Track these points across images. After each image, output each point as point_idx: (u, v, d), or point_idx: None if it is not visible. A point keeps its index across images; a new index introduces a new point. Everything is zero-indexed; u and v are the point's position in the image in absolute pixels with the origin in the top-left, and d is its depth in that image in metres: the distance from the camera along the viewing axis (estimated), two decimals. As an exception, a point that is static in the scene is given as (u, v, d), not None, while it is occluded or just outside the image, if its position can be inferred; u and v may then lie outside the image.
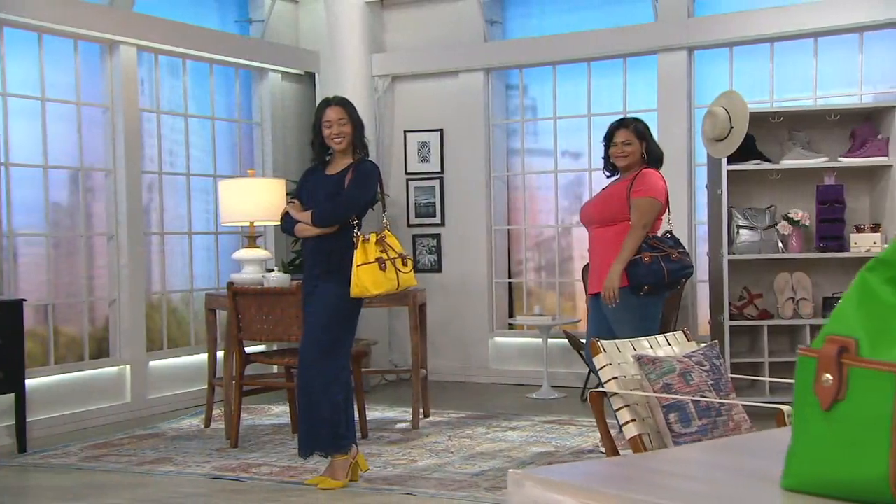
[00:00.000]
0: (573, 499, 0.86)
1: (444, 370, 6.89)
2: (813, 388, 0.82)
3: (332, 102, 3.86)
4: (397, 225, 7.07)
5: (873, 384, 0.78)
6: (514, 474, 0.90)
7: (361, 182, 3.74)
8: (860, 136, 5.31)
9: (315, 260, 3.83)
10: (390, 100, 7.04)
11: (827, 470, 0.81)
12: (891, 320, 0.81)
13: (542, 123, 6.87)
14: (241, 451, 4.51)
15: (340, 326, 3.76)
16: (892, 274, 0.82)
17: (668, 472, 0.91)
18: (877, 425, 0.78)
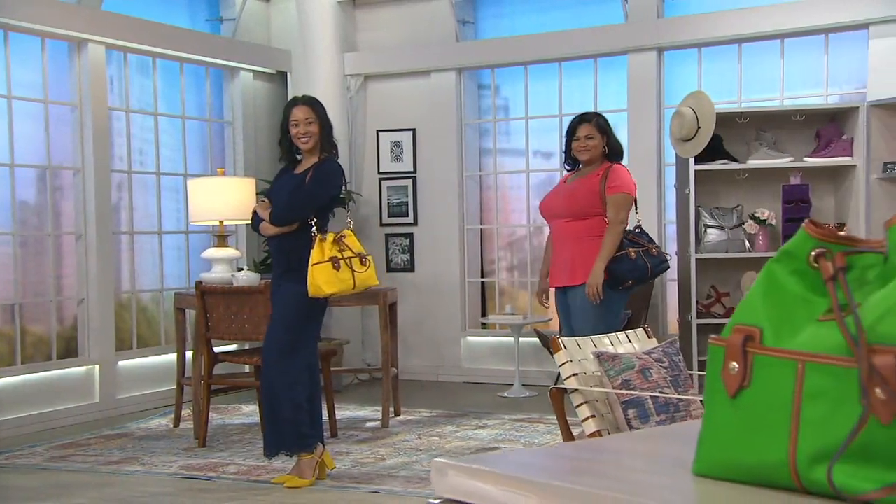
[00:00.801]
0: (494, 486, 0.88)
1: (417, 369, 6.90)
2: (721, 376, 0.85)
3: (300, 101, 3.86)
4: (370, 224, 7.08)
5: (776, 371, 0.81)
6: (437, 463, 0.91)
7: (319, 180, 3.73)
8: (825, 136, 5.38)
9: (277, 259, 3.86)
10: (362, 99, 7.04)
11: (733, 455, 0.83)
12: (794, 310, 0.83)
13: (514, 123, 6.90)
14: (208, 451, 4.50)
15: (301, 326, 3.76)
16: (798, 265, 0.85)
17: (588, 460, 0.94)
18: (779, 411, 0.80)
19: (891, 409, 0.74)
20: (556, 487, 0.82)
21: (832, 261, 0.81)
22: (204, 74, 6.54)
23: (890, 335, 0.75)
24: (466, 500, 0.89)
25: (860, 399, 0.75)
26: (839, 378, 0.77)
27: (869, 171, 5.16)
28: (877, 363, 0.75)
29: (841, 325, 0.77)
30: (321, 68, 6.72)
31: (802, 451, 0.78)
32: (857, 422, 0.74)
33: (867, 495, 0.73)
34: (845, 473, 0.76)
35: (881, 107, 5.18)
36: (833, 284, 0.80)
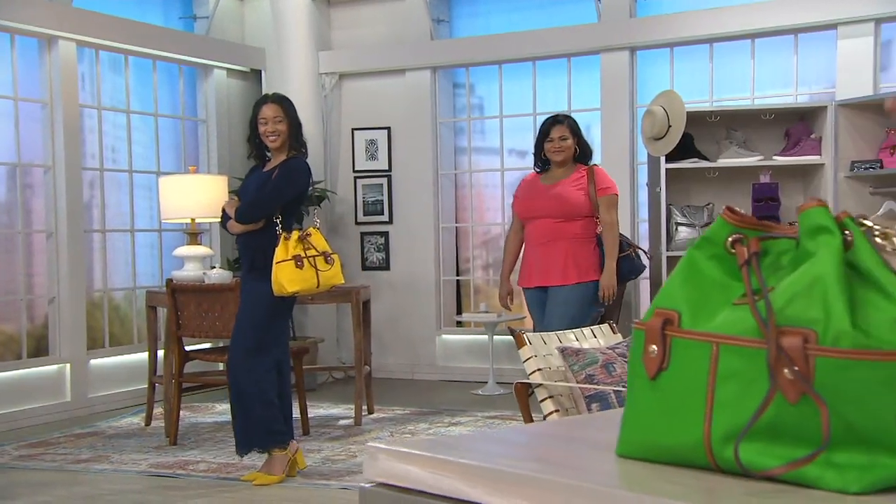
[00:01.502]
0: (420, 468, 0.89)
1: (392, 368, 6.92)
2: (641, 359, 0.87)
3: (269, 99, 3.86)
4: (345, 223, 7.09)
5: (692, 353, 0.83)
6: (369, 447, 0.93)
7: (284, 178, 3.73)
8: (794, 135, 5.44)
9: (244, 257, 3.87)
10: (337, 97, 7.04)
11: (653, 436, 0.85)
12: (712, 294, 0.85)
13: (489, 122, 6.93)
14: (179, 449, 4.49)
15: (267, 324, 3.76)
16: (716, 251, 0.87)
17: (514, 442, 0.95)
18: (695, 392, 0.82)
19: (798, 388, 0.76)
20: (479, 468, 0.84)
21: (747, 246, 0.84)
22: (177, 72, 6.51)
23: (798, 317, 0.78)
24: (397, 484, 0.91)
25: (769, 379, 0.77)
26: (751, 359, 0.79)
27: (837, 170, 5.22)
28: (784, 344, 0.77)
29: (752, 308, 0.80)
30: (295, 66, 6.72)
31: (716, 431, 0.80)
32: (769, 402, 0.76)
33: (771, 471, 0.76)
34: (755, 451, 0.78)
35: (849, 106, 5.24)
36: (747, 269, 0.82)
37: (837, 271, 0.78)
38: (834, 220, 0.81)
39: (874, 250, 0.80)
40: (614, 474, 0.84)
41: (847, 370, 0.75)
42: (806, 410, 0.76)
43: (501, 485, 0.82)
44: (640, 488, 0.79)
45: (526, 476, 0.81)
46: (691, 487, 0.78)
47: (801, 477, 0.76)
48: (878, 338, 0.76)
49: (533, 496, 0.80)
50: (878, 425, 0.75)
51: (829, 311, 0.77)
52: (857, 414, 0.75)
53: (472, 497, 0.84)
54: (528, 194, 4.43)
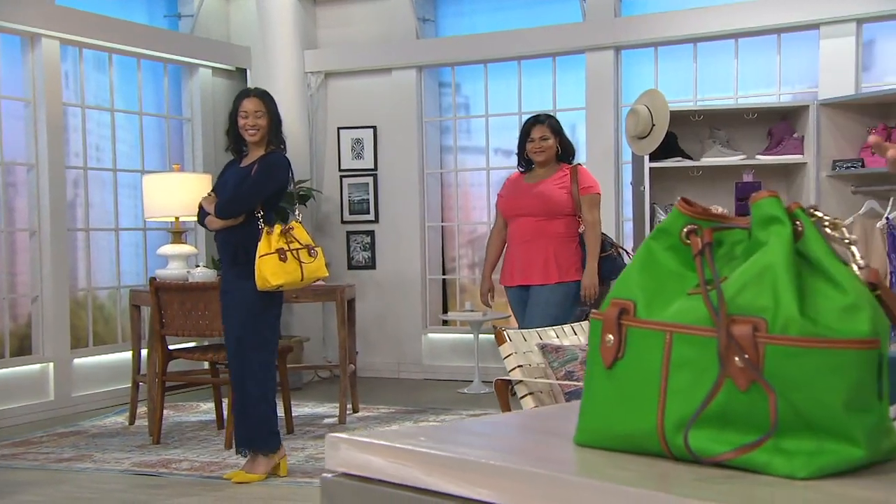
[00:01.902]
0: (381, 458, 0.90)
1: (378, 367, 6.92)
2: (599, 349, 0.88)
3: (251, 94, 3.85)
4: (331, 222, 7.09)
5: (647, 342, 0.84)
6: (330, 437, 0.94)
7: (264, 172, 3.72)
8: (777, 134, 5.47)
9: (224, 253, 3.84)
10: (323, 96, 7.04)
11: (609, 424, 0.86)
12: (667, 284, 0.86)
13: (475, 121, 6.94)
14: (162, 448, 4.48)
15: (260, 319, 3.75)
16: (672, 242, 0.88)
17: (475, 432, 0.96)
18: (649, 381, 0.83)
19: (747, 376, 0.77)
20: (437, 457, 0.85)
21: (701, 237, 0.85)
22: (162, 71, 6.50)
23: (748, 306, 0.79)
24: (359, 474, 0.91)
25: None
26: (703, 348, 0.80)
27: (819, 169, 5.26)
28: (735, 333, 0.78)
29: (705, 298, 0.81)
30: (281, 65, 6.71)
31: (669, 419, 0.81)
32: (718, 390, 0.78)
33: (720, 456, 0.77)
34: (706, 438, 0.79)
35: (831, 106, 5.28)
36: (700, 259, 0.83)
37: (787, 260, 0.79)
38: (785, 210, 0.82)
39: (824, 240, 0.81)
40: (570, 461, 0.85)
41: (795, 358, 0.76)
42: (756, 398, 0.77)
43: (459, 472, 0.83)
44: (593, 474, 0.80)
45: (483, 464, 0.82)
46: (643, 473, 0.79)
47: (750, 463, 0.77)
48: (825, 325, 0.77)
49: (490, 483, 0.81)
50: (825, 412, 0.76)
51: (778, 300, 0.78)
52: (805, 401, 0.76)
53: (431, 485, 0.85)
54: (511, 192, 4.45)
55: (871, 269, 0.82)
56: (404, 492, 0.87)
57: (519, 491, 0.79)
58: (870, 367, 0.77)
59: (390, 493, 0.88)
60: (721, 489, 0.73)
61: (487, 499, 0.80)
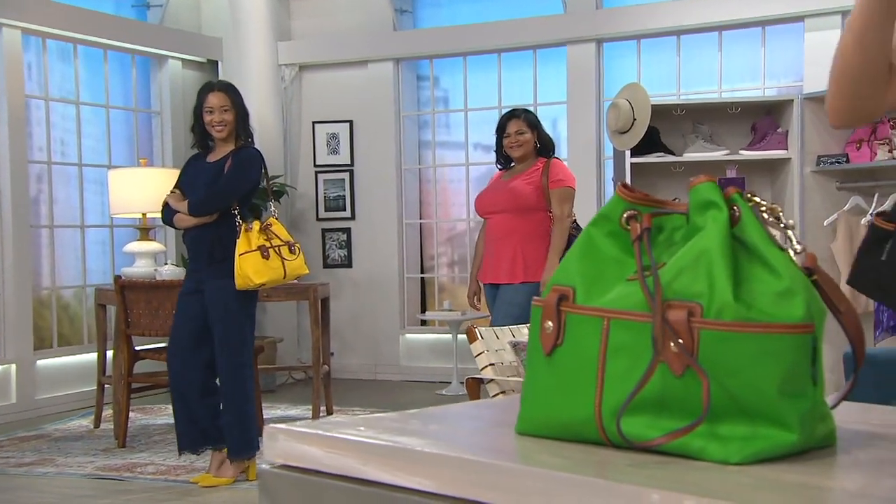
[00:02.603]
0: (319, 448, 0.91)
1: (354, 368, 6.92)
2: (539, 336, 0.89)
3: (215, 87, 3.84)
4: (306, 218, 7.09)
5: (585, 329, 0.85)
6: (269, 429, 0.95)
7: (240, 169, 3.73)
8: (761, 129, 5.52)
9: (198, 252, 3.82)
10: (297, 89, 7.04)
11: (549, 412, 0.87)
12: (607, 270, 0.88)
13: (454, 115, 6.96)
14: (128, 451, 4.47)
15: (243, 317, 3.76)
16: (612, 227, 0.90)
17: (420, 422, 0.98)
18: (587, 367, 0.85)
19: (682, 361, 0.79)
20: (373, 446, 0.86)
21: (640, 222, 0.87)
22: (129, 62, 6.48)
23: (684, 291, 0.81)
24: (297, 465, 0.92)
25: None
26: (639, 333, 0.82)
27: (803, 165, 5.31)
28: (670, 318, 0.80)
29: (642, 283, 0.82)
30: (254, 57, 6.70)
31: (606, 405, 0.83)
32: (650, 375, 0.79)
33: (652, 441, 0.78)
34: (643, 424, 0.81)
35: (815, 100, 5.32)
36: (638, 244, 0.85)
37: (723, 245, 0.81)
38: (722, 195, 0.84)
39: (761, 225, 0.83)
40: (507, 450, 0.87)
41: (729, 342, 0.78)
42: (691, 383, 0.79)
43: (394, 461, 0.84)
44: (529, 461, 0.81)
45: (419, 452, 0.83)
46: (579, 460, 0.80)
47: (685, 448, 0.79)
48: (760, 310, 0.79)
49: (425, 472, 0.82)
50: (759, 397, 0.78)
51: (713, 285, 0.80)
52: (739, 386, 0.78)
53: (367, 475, 0.86)
54: (486, 190, 4.49)
55: (809, 254, 0.84)
56: (341, 482, 0.88)
57: (454, 479, 0.80)
58: (804, 351, 0.79)
59: (327, 483, 0.89)
60: (653, 474, 0.75)
61: (422, 487, 0.82)
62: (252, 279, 3.63)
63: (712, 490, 0.70)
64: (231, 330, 3.72)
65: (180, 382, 3.73)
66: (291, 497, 0.93)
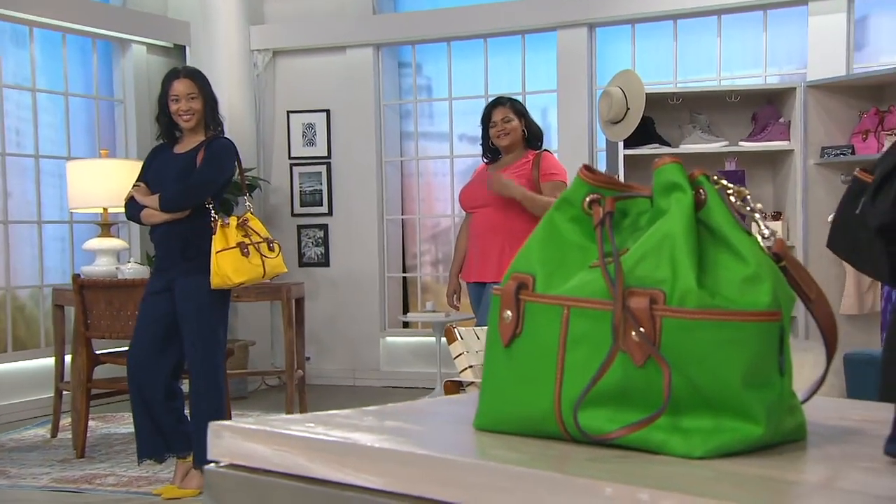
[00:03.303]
0: (265, 446, 0.92)
1: (332, 373, 6.93)
2: (498, 326, 0.90)
3: (181, 74, 3.84)
4: (280, 214, 7.08)
5: (544, 318, 0.87)
6: (214, 426, 0.96)
7: (214, 161, 3.73)
8: (762, 119, 5.55)
9: (168, 249, 3.80)
10: (271, 77, 7.04)
11: (508, 406, 0.89)
12: (569, 257, 0.89)
13: (437, 104, 6.97)
14: (87, 462, 4.47)
15: (217, 317, 3.77)
16: (575, 212, 0.91)
17: (374, 419, 0.99)
18: (546, 358, 0.86)
19: (644, 351, 0.80)
20: (320, 442, 0.87)
21: (603, 206, 0.88)
22: (90, 47, 6.46)
23: (646, 278, 0.82)
24: (243, 464, 0.93)
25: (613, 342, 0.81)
26: (600, 322, 0.83)
27: (806, 157, 5.34)
28: (631, 305, 0.81)
29: (603, 269, 0.84)
30: (224, 42, 6.70)
31: (566, 398, 0.84)
32: (609, 365, 0.81)
33: (611, 434, 0.80)
34: (604, 418, 0.82)
35: (819, 87, 5.36)
36: (601, 229, 0.86)
37: (686, 229, 0.83)
38: (687, 177, 0.86)
39: (727, 209, 0.85)
40: (461, 445, 0.88)
41: (692, 331, 0.79)
42: (653, 373, 0.80)
43: (342, 458, 0.85)
44: (484, 456, 0.82)
45: (367, 448, 0.84)
46: (535, 455, 0.82)
47: (646, 442, 0.80)
48: (724, 297, 0.80)
49: (373, 468, 0.83)
50: (723, 388, 0.79)
51: (676, 271, 0.81)
52: (702, 376, 0.80)
53: (315, 473, 0.87)
54: (472, 183, 4.50)
55: (778, 239, 0.86)
56: (289, 481, 0.89)
57: (405, 476, 0.81)
58: (769, 340, 0.80)
59: (275, 483, 0.90)
60: (611, 468, 0.76)
61: (372, 485, 0.83)
62: (231, 278, 3.63)
63: (670, 483, 0.71)
64: (203, 331, 3.72)
65: (142, 385, 3.72)
66: (237, 497, 0.93)
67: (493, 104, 4.38)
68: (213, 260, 3.64)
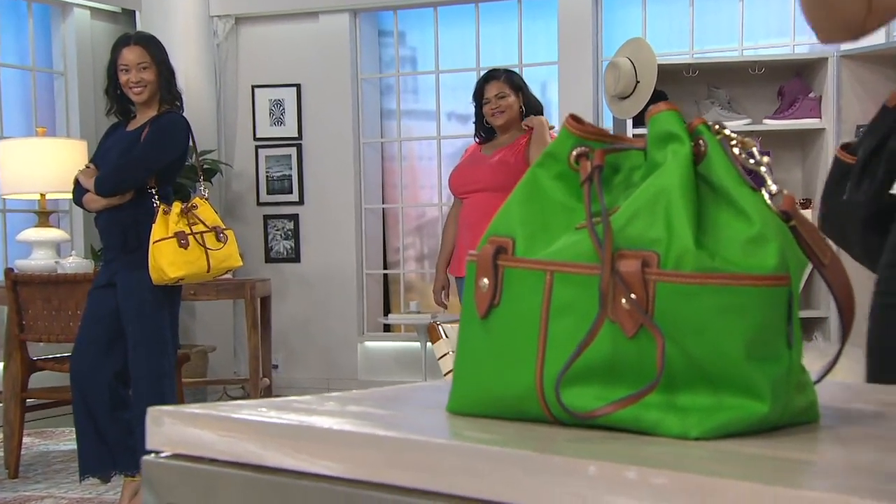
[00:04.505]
0: (212, 432, 0.93)
1: (303, 382, 6.93)
2: (474, 296, 0.91)
3: (132, 40, 3.86)
4: (244, 203, 7.09)
5: (525, 285, 0.87)
6: (153, 412, 0.96)
7: (157, 138, 3.75)
8: (789, 94, 5.58)
9: (110, 239, 3.85)
10: (233, 46, 7.04)
11: (484, 385, 0.89)
12: (553, 218, 0.90)
13: (423, 78, 6.98)
14: (21, 483, 4.47)
15: (157, 319, 3.78)
16: (561, 168, 0.92)
17: (336, 404, 1.00)
18: (527, 330, 0.87)
19: (635, 319, 0.81)
20: (276, 426, 0.88)
21: (591, 160, 0.89)
22: (26, 11, 6.46)
23: (639, 237, 0.83)
24: (186, 452, 0.94)
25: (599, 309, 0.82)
26: (586, 288, 0.84)
27: (839, 136, 5.36)
28: (621, 269, 0.82)
29: (590, 230, 0.85)
30: (180, 6, 6.70)
31: (548, 374, 0.85)
32: (594, 335, 0.82)
33: (596, 411, 0.81)
34: (592, 395, 0.83)
35: (854, 58, 5.38)
36: (588, 185, 0.87)
37: (684, 184, 0.84)
38: (685, 126, 0.87)
39: (730, 162, 0.85)
40: (430, 426, 0.89)
41: (690, 297, 0.80)
42: (646, 345, 0.81)
43: (296, 442, 0.86)
44: (454, 437, 0.83)
45: (325, 431, 0.85)
46: (512, 435, 0.83)
47: (637, 422, 0.81)
48: (726, 259, 0.81)
49: (332, 454, 0.84)
50: (723, 361, 0.80)
51: (671, 230, 0.82)
52: (700, 348, 0.80)
53: (267, 461, 0.88)
54: (463, 164, 4.53)
55: (787, 196, 0.86)
56: (237, 471, 0.89)
57: (365, 460, 0.82)
58: (776, 307, 0.81)
59: (222, 473, 0.91)
60: (596, 448, 0.77)
61: (330, 472, 0.83)
62: (166, 272, 3.65)
63: (660, 461, 0.72)
64: (147, 332, 3.74)
65: (86, 391, 3.73)
66: (180, 491, 0.94)
67: (486, 78, 4.42)
68: (150, 251, 3.66)
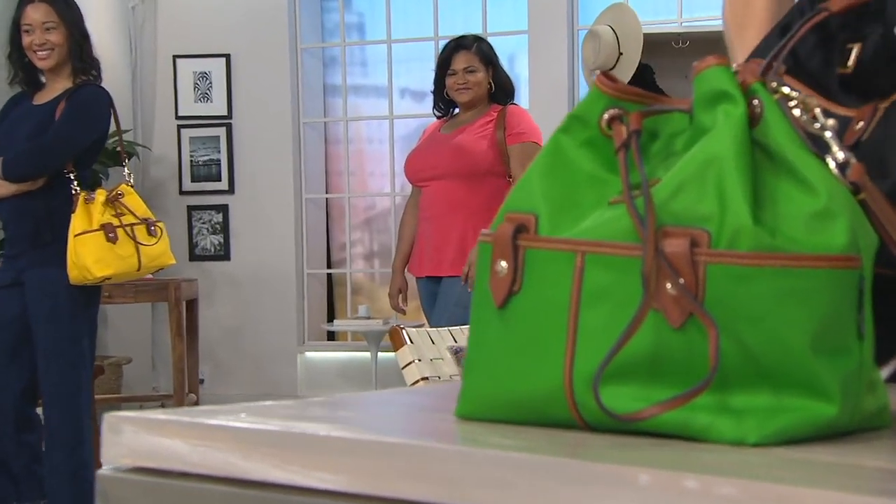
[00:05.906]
0: (181, 441, 0.91)
1: (234, 398, 6.84)
2: (489, 283, 0.90)
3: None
4: (165, 191, 7.04)
5: (551, 269, 0.86)
6: (110, 418, 0.94)
7: (75, 114, 3.73)
8: (789, 69, 5.66)
9: (17, 231, 3.83)
10: (151, 11, 7.00)
11: (502, 385, 0.88)
12: (582, 191, 0.89)
13: (372, 49, 6.99)
14: None
15: (76, 325, 3.77)
16: (590, 134, 0.91)
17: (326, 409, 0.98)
18: (553, 320, 0.85)
19: (683, 307, 0.80)
20: (260, 433, 0.86)
21: (627, 124, 0.88)
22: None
23: (685, 213, 0.82)
24: (151, 466, 0.92)
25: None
26: (625, 272, 0.83)
27: (845, 118, 5.45)
28: (667, 249, 0.81)
29: (629, 204, 0.84)
30: (91, -37, 6.62)
31: (579, 372, 0.84)
32: (637, 326, 0.81)
33: (639, 413, 0.80)
34: (628, 396, 0.82)
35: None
36: (624, 153, 0.86)
37: (738, 151, 0.83)
38: (738, 85, 0.86)
39: (790, 125, 0.85)
40: (443, 432, 0.88)
41: (746, 281, 0.80)
42: (695, 337, 0.80)
43: (288, 453, 0.84)
44: (474, 443, 0.82)
45: (321, 438, 0.83)
46: (542, 441, 0.82)
47: (685, 427, 0.80)
48: (788, 237, 0.81)
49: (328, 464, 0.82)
50: (785, 355, 0.80)
51: (724, 204, 0.81)
52: (759, 340, 0.80)
53: (249, 474, 0.86)
54: (419, 148, 4.53)
55: (856, 164, 0.86)
56: (214, 486, 0.88)
57: (365, 472, 0.80)
58: (847, 293, 0.81)
59: (194, 488, 0.89)
60: (643, 455, 0.76)
61: (327, 486, 0.82)
62: (91, 271, 3.63)
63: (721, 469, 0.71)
64: (61, 339, 3.72)
65: None
66: (143, 511, 0.92)
67: (454, 46, 4.42)
68: (69, 245, 3.64)
